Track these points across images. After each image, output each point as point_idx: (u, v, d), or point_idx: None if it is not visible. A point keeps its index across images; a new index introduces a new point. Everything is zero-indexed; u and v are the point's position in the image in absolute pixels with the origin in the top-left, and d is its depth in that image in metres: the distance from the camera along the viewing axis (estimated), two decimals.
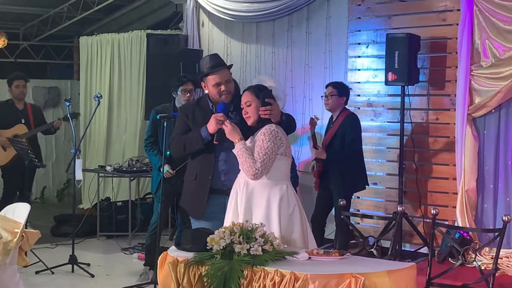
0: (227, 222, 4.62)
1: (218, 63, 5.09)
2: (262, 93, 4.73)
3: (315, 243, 4.77)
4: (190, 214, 5.25)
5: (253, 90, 4.76)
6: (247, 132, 4.75)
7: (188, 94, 7.11)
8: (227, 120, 4.78)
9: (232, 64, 5.26)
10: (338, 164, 6.99)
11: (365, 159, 7.58)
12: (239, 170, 4.70)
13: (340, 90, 7.14)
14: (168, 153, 6.87)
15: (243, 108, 4.75)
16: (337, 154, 7.00)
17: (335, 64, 8.35)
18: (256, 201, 4.61)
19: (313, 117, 7.32)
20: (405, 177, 7.49)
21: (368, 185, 7.35)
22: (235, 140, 4.66)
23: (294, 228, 4.64)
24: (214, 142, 4.87)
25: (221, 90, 4.99)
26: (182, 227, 7.13)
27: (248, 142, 4.70)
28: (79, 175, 7.79)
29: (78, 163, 7.71)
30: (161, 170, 6.74)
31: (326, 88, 7.26)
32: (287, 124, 4.87)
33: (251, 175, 4.56)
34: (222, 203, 4.95)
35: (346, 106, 7.27)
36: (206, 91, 5.11)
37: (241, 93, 4.94)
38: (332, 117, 7.29)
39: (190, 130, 5.08)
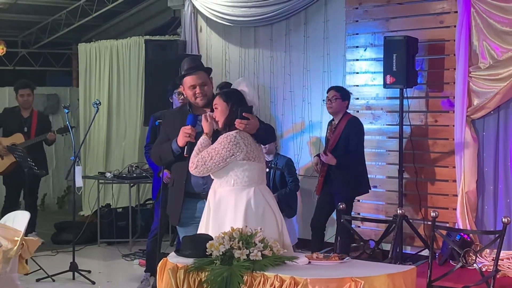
0: (201, 230, 4.63)
1: (195, 65, 5.09)
2: (240, 108, 4.69)
3: (290, 241, 4.74)
4: (170, 221, 5.26)
5: (220, 95, 4.76)
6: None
7: (183, 97, 7.07)
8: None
9: (210, 68, 5.23)
10: (342, 169, 6.99)
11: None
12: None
13: (343, 94, 7.18)
14: (156, 123, 6.86)
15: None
16: (344, 159, 6.99)
17: (333, 68, 8.35)
18: (223, 208, 4.58)
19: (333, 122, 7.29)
20: (405, 180, 7.49)
21: (370, 188, 7.36)
22: (204, 131, 4.71)
23: (267, 229, 4.57)
24: (185, 155, 4.84)
25: (196, 92, 4.99)
26: None
27: None
28: (79, 182, 7.80)
29: (78, 170, 7.72)
30: (161, 176, 6.73)
31: (328, 92, 7.28)
32: (262, 135, 4.80)
33: (189, 167, 4.64)
34: (201, 208, 4.92)
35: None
36: (185, 95, 5.14)
37: None
38: (331, 121, 7.29)
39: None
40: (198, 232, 4.66)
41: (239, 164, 4.58)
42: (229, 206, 4.57)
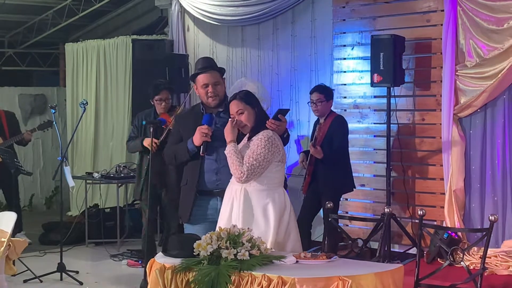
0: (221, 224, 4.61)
1: (209, 65, 5.11)
2: (279, 110, 4.81)
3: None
4: (182, 219, 5.26)
5: (242, 99, 4.71)
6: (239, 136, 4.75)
7: (164, 103, 7.16)
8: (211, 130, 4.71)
9: (223, 68, 5.24)
10: (327, 167, 7.00)
11: (352, 161, 7.61)
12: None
13: (327, 95, 7.16)
14: (143, 122, 6.92)
15: (233, 117, 4.70)
16: (329, 157, 7.00)
17: (321, 67, 8.36)
18: (255, 208, 4.57)
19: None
20: (393, 178, 7.50)
21: (355, 187, 7.37)
22: (227, 139, 4.63)
23: (292, 233, 4.66)
24: (201, 154, 4.88)
25: (209, 91, 4.99)
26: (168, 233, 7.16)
27: (240, 145, 4.67)
28: (71, 181, 7.82)
29: (68, 170, 7.72)
30: (147, 145, 6.86)
31: (311, 94, 7.23)
32: (286, 138, 4.95)
33: (237, 177, 4.55)
34: (214, 205, 4.95)
35: (332, 108, 7.30)
36: (197, 94, 5.15)
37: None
38: (318, 120, 7.30)
39: (182, 139, 5.09)
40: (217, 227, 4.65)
41: (274, 165, 4.62)
42: (260, 208, 4.56)
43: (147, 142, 7.03)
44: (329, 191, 6.95)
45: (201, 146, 4.86)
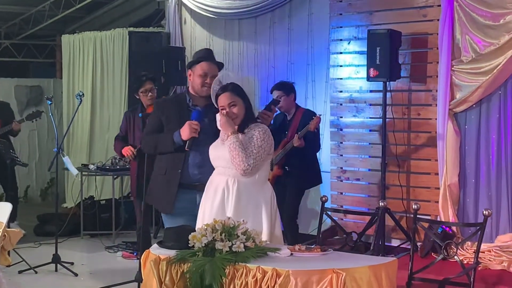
0: (204, 220, 4.58)
1: (211, 57, 5.13)
2: (272, 101, 4.95)
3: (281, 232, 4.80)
4: (160, 210, 5.24)
5: (234, 91, 4.64)
6: (219, 133, 4.72)
7: (150, 94, 7.17)
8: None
9: (222, 63, 5.21)
10: (295, 161, 7.08)
11: (348, 155, 7.64)
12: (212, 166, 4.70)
13: (286, 90, 7.23)
14: (140, 115, 6.94)
15: (223, 109, 4.63)
16: (299, 151, 7.06)
17: (317, 61, 8.37)
18: (248, 203, 4.55)
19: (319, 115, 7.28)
20: (388, 173, 7.52)
21: (321, 182, 7.44)
22: (228, 132, 4.56)
23: (277, 224, 4.68)
24: (186, 149, 4.85)
25: (205, 82, 4.97)
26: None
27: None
28: (74, 170, 7.89)
29: (67, 159, 7.78)
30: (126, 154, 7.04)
31: (271, 93, 7.33)
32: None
33: (241, 169, 4.48)
34: (192, 198, 4.94)
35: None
36: (190, 81, 5.11)
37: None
38: (283, 116, 7.31)
39: (163, 126, 5.04)
40: (199, 219, 4.64)
41: (266, 158, 4.61)
42: (251, 200, 4.55)
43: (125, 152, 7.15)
44: (297, 184, 7.15)
45: (188, 141, 4.84)
